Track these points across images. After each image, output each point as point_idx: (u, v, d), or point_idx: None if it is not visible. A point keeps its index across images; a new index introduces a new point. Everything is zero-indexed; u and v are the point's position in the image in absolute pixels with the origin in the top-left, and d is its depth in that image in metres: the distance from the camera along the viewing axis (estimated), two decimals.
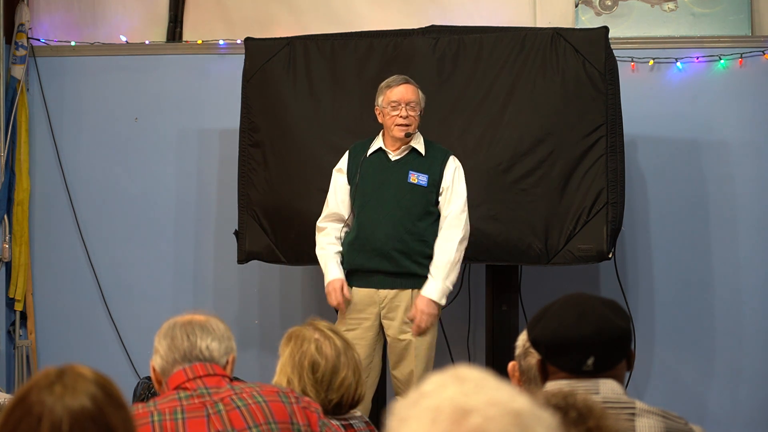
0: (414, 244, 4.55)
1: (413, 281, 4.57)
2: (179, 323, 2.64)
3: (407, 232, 4.55)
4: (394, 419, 1.34)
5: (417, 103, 4.58)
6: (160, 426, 2.49)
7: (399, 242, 4.55)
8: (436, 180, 4.58)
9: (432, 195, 4.58)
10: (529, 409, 1.32)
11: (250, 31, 5.68)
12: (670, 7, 5.75)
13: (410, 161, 4.61)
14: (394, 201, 4.56)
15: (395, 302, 4.59)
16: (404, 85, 4.59)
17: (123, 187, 6.09)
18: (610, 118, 4.96)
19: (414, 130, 4.59)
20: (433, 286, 4.53)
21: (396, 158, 4.62)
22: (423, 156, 4.61)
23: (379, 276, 4.59)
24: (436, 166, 4.60)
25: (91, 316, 6.09)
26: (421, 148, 4.62)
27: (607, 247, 4.92)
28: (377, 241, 4.56)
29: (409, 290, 4.57)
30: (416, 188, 4.57)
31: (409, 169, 4.59)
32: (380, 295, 4.59)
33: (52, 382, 1.77)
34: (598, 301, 2.38)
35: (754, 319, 5.65)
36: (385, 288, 4.58)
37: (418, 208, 4.56)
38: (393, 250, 4.54)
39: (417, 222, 4.56)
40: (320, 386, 2.94)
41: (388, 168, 4.61)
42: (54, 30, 6.20)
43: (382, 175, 4.59)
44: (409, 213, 4.55)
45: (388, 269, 4.56)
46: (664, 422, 2.29)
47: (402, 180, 4.58)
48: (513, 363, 2.60)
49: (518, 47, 5.07)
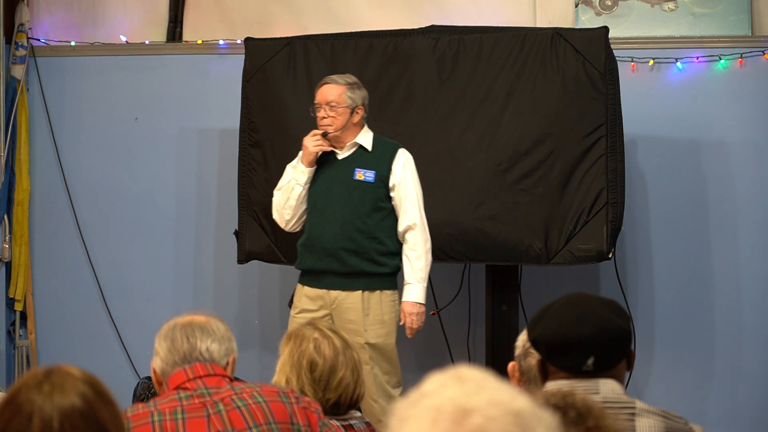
0: (365, 242, 4.56)
1: (364, 281, 4.57)
2: (179, 325, 2.64)
3: (356, 230, 4.56)
4: (394, 419, 1.34)
5: (339, 103, 4.58)
6: (160, 426, 2.49)
7: (348, 241, 4.55)
8: (384, 175, 4.59)
9: (380, 190, 4.59)
10: (530, 409, 1.32)
11: (250, 31, 5.68)
12: (670, 7, 5.75)
13: (356, 158, 4.62)
14: (342, 200, 4.58)
15: (346, 303, 4.58)
16: (324, 86, 4.61)
17: (123, 187, 6.09)
18: (610, 118, 4.96)
19: (335, 130, 4.59)
20: (414, 291, 4.57)
21: (343, 156, 4.63)
22: (370, 152, 4.61)
23: (329, 277, 4.59)
24: (384, 161, 4.61)
25: (91, 316, 6.09)
26: (368, 144, 4.62)
27: (607, 247, 4.92)
28: (326, 241, 4.57)
29: (359, 292, 4.57)
30: (363, 185, 4.58)
31: (355, 167, 4.60)
32: (331, 296, 4.60)
33: (41, 381, 1.77)
34: (598, 301, 2.38)
35: (754, 319, 5.65)
36: (335, 289, 4.58)
37: (366, 205, 4.57)
38: (342, 249, 4.56)
39: (366, 219, 4.57)
40: (318, 385, 2.94)
41: (335, 167, 4.62)
42: (54, 30, 6.20)
43: (329, 174, 4.60)
44: (356, 210, 4.57)
45: (338, 269, 4.56)
46: (664, 422, 2.29)
47: (348, 178, 4.59)
48: (513, 363, 2.60)
49: (518, 47, 5.07)
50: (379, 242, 4.57)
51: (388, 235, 4.60)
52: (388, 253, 4.60)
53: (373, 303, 4.58)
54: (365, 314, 4.55)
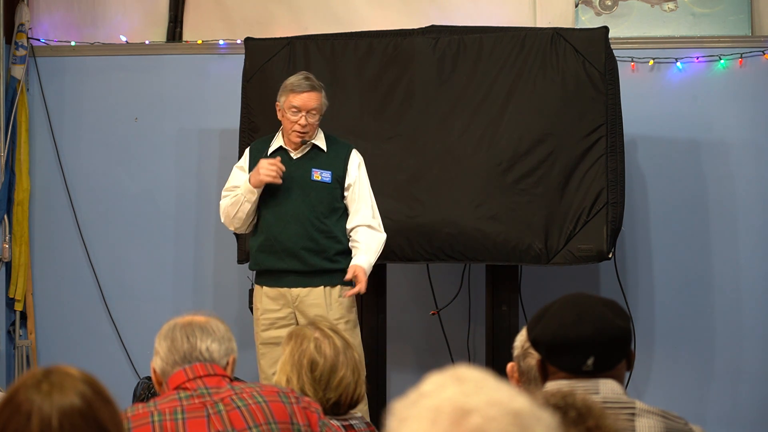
0: (324, 242, 4.58)
1: (325, 278, 4.59)
2: (179, 325, 2.64)
3: (316, 230, 4.58)
4: (393, 419, 1.34)
5: (318, 110, 4.59)
6: (160, 426, 2.49)
7: (309, 240, 4.57)
8: (340, 176, 4.62)
9: (337, 191, 4.62)
10: (529, 409, 1.32)
11: (250, 31, 5.68)
12: (670, 7, 5.75)
13: (312, 158, 4.63)
14: (300, 199, 4.58)
15: (309, 300, 4.59)
16: (308, 93, 4.58)
17: (123, 187, 6.09)
18: (610, 118, 4.96)
19: (311, 137, 4.61)
20: (364, 258, 4.54)
21: (298, 156, 4.64)
22: (325, 152, 4.63)
23: (290, 276, 4.59)
24: (339, 161, 4.63)
25: (91, 316, 6.09)
26: (322, 144, 4.64)
27: (607, 247, 4.92)
28: (287, 241, 4.58)
29: (321, 288, 4.59)
30: (320, 185, 4.60)
31: (312, 167, 4.61)
32: (292, 293, 4.60)
33: (40, 381, 1.78)
34: (598, 301, 2.38)
35: (754, 319, 5.65)
36: (296, 287, 4.59)
37: (324, 205, 4.59)
38: (303, 249, 4.57)
39: (324, 219, 4.59)
40: (318, 385, 2.94)
41: (290, 167, 4.61)
42: (54, 30, 6.20)
43: (285, 174, 4.58)
44: (315, 211, 4.58)
45: (299, 268, 4.57)
46: (664, 422, 2.29)
47: (305, 178, 4.60)
48: (512, 364, 2.60)
49: (518, 47, 5.07)
50: (337, 241, 4.60)
51: (344, 233, 4.63)
52: (344, 252, 4.61)
53: (335, 298, 4.59)
54: (329, 309, 4.56)
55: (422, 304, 5.68)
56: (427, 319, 5.66)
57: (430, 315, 5.57)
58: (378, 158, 5.05)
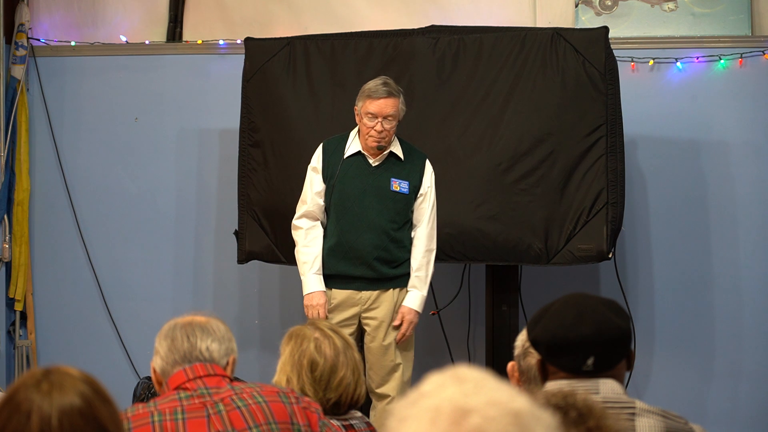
0: (396, 252, 4.62)
1: (393, 282, 4.65)
2: (179, 324, 2.64)
3: (390, 240, 4.61)
4: (393, 419, 1.34)
5: (395, 116, 4.57)
6: (160, 426, 2.49)
7: (383, 251, 4.60)
8: (416, 186, 4.64)
9: (411, 201, 4.65)
10: (529, 409, 1.32)
11: (250, 31, 5.68)
12: (670, 7, 5.75)
13: (391, 167, 4.62)
14: (377, 209, 4.58)
15: (378, 301, 4.65)
16: (385, 99, 4.55)
17: (123, 187, 6.09)
18: (610, 118, 4.96)
19: (388, 143, 4.60)
20: (417, 298, 4.64)
21: (377, 164, 4.62)
22: (402, 161, 4.64)
23: (360, 281, 4.63)
24: (415, 172, 4.64)
25: (91, 316, 6.09)
26: (399, 153, 4.64)
27: (607, 247, 4.92)
28: (361, 249, 4.59)
29: (390, 290, 4.65)
30: (398, 196, 4.61)
31: (391, 177, 4.61)
32: (362, 296, 4.64)
33: (39, 380, 1.78)
34: (598, 301, 2.38)
35: (754, 319, 5.65)
36: (366, 290, 4.64)
37: (401, 216, 4.62)
38: (375, 259, 4.60)
39: (398, 230, 4.61)
40: (318, 385, 2.94)
41: (368, 174, 4.61)
42: (54, 30, 6.20)
43: (363, 181, 4.59)
44: (392, 221, 4.60)
45: (370, 276, 4.61)
46: (664, 422, 2.29)
47: (384, 187, 4.60)
48: (512, 363, 2.60)
49: (518, 47, 5.07)
50: (406, 250, 4.65)
51: (409, 240, 4.67)
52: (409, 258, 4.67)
53: (400, 301, 4.67)
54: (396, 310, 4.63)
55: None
56: (427, 319, 5.66)
57: (430, 315, 5.56)
58: None
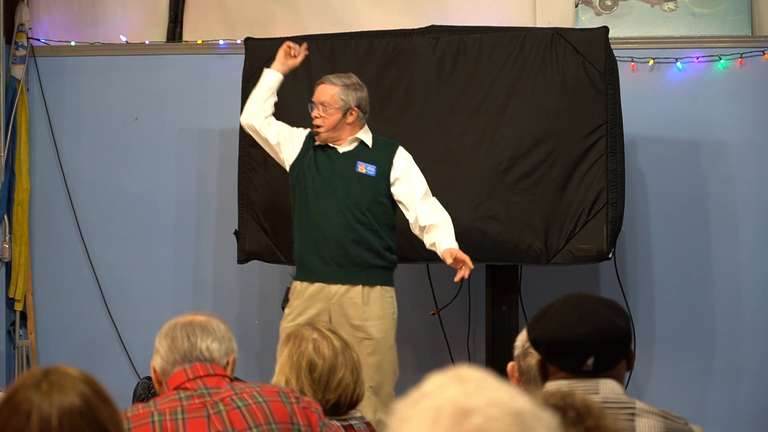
0: (366, 234, 4.58)
1: (365, 275, 4.58)
2: (180, 324, 2.64)
3: (358, 221, 4.58)
4: (394, 419, 1.34)
5: (330, 104, 4.61)
6: (160, 426, 2.49)
7: (352, 231, 4.57)
8: (386, 170, 4.62)
9: (381, 185, 4.61)
10: (530, 409, 1.32)
11: (250, 31, 5.68)
12: (670, 7, 5.75)
13: (358, 153, 4.65)
14: (343, 192, 4.60)
15: (346, 298, 4.57)
16: (321, 85, 4.67)
17: (123, 187, 6.10)
18: (610, 118, 4.96)
19: (326, 131, 4.62)
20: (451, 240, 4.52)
21: (344, 150, 4.66)
22: (370, 148, 4.65)
23: (330, 269, 4.58)
24: (384, 156, 4.64)
25: (91, 316, 6.09)
26: (368, 141, 4.67)
27: (607, 247, 4.92)
28: (329, 231, 4.58)
29: (359, 286, 4.57)
30: (364, 178, 4.61)
31: (357, 160, 4.63)
32: (331, 290, 4.59)
33: (39, 380, 1.78)
34: (598, 301, 2.38)
35: (754, 319, 5.65)
36: (336, 282, 4.57)
37: (367, 197, 4.60)
38: (346, 239, 4.57)
39: (366, 212, 4.59)
40: (317, 386, 2.95)
41: (336, 160, 4.65)
42: (54, 30, 6.20)
43: (330, 167, 4.63)
44: (357, 203, 4.59)
45: (340, 261, 4.57)
46: (664, 422, 2.29)
47: (350, 171, 4.62)
48: (512, 363, 2.60)
49: (518, 47, 5.07)
50: (378, 236, 4.60)
51: (386, 230, 4.64)
52: (387, 248, 4.63)
53: (373, 298, 4.58)
54: (364, 309, 4.55)
55: (422, 304, 5.68)
56: (427, 319, 5.66)
57: (430, 315, 5.57)
58: None
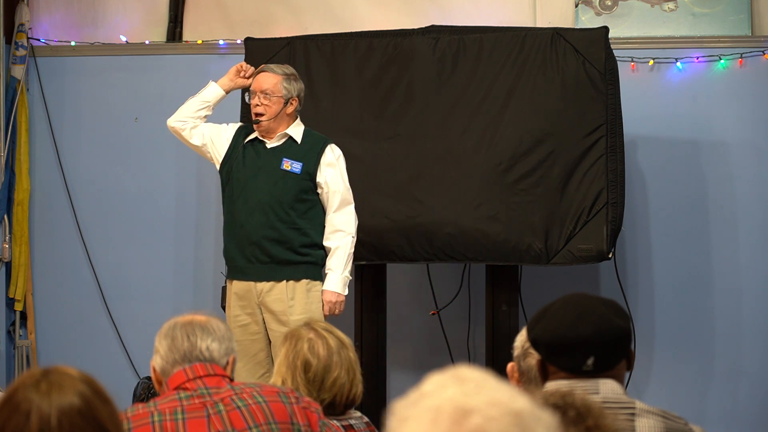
0: (288, 232, 4.56)
1: (289, 271, 4.57)
2: (180, 324, 2.64)
3: (279, 220, 4.56)
4: (394, 419, 1.34)
5: (273, 93, 4.62)
6: (160, 426, 2.49)
7: (271, 230, 4.56)
8: (311, 168, 4.60)
9: (306, 183, 4.60)
10: (530, 409, 1.32)
11: (250, 31, 5.68)
12: (670, 7, 5.75)
13: (285, 149, 4.64)
14: (266, 188, 4.58)
15: (272, 295, 4.56)
16: (261, 74, 4.68)
17: (123, 187, 6.09)
18: (610, 118, 4.96)
19: (267, 119, 4.62)
20: (335, 279, 4.55)
21: (271, 146, 4.65)
22: (299, 144, 4.64)
23: (254, 267, 4.58)
24: (312, 154, 4.63)
25: (91, 316, 6.09)
26: (297, 136, 4.64)
27: (607, 247, 4.92)
28: (250, 229, 4.58)
29: (284, 282, 4.56)
30: (288, 175, 4.59)
31: (284, 157, 4.62)
32: (257, 288, 4.58)
33: (38, 380, 1.78)
34: (598, 301, 2.38)
35: (754, 319, 5.65)
36: (261, 280, 4.57)
37: (290, 195, 4.57)
38: (264, 238, 4.56)
39: (288, 210, 4.57)
40: (312, 386, 2.95)
41: (262, 156, 4.64)
42: (54, 30, 6.20)
43: (256, 163, 4.62)
44: (280, 200, 4.57)
45: (261, 259, 4.56)
46: (664, 422, 2.29)
47: (275, 167, 4.61)
48: (512, 364, 2.60)
49: (518, 47, 5.07)
50: (302, 233, 4.58)
51: (312, 226, 4.61)
52: (312, 245, 4.60)
53: (298, 293, 4.57)
54: (290, 304, 4.54)
55: (422, 304, 5.68)
56: (427, 319, 5.66)
57: (430, 315, 5.57)
58: (378, 158, 5.06)
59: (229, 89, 4.84)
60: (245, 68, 4.84)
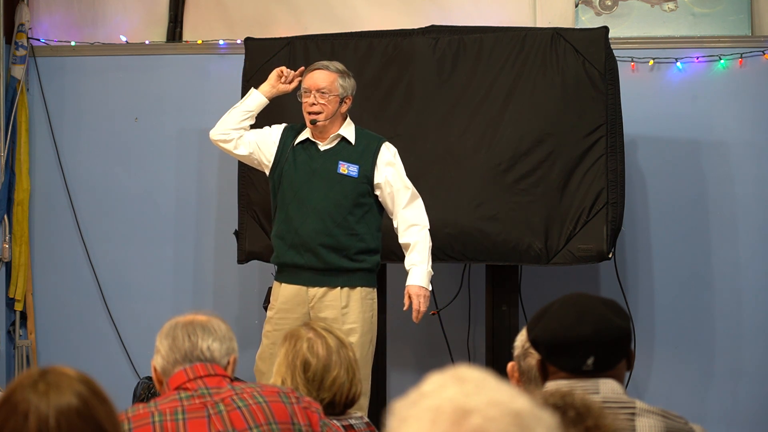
0: (344, 239, 4.43)
1: (344, 278, 4.46)
2: (181, 323, 2.64)
3: (336, 225, 4.43)
4: (394, 419, 1.34)
5: (330, 91, 4.45)
6: (160, 426, 2.49)
7: (328, 237, 4.42)
8: (368, 171, 4.47)
9: (363, 186, 4.46)
10: (530, 409, 1.32)
11: (250, 31, 5.68)
12: (670, 7, 5.75)
13: (340, 151, 4.49)
14: (323, 193, 4.44)
15: (325, 302, 4.45)
16: (316, 71, 4.50)
17: (123, 187, 6.09)
18: (610, 118, 4.97)
19: (324, 119, 4.46)
20: (420, 273, 4.42)
21: (325, 148, 4.50)
22: (353, 145, 4.49)
23: (308, 272, 4.46)
24: (367, 155, 4.48)
25: (91, 316, 6.09)
26: (351, 137, 4.50)
27: (607, 247, 4.92)
28: (305, 235, 4.44)
29: (338, 288, 4.45)
30: (345, 179, 4.45)
31: (339, 160, 4.47)
32: (309, 293, 4.46)
33: (36, 381, 1.78)
34: (598, 301, 2.38)
35: (754, 319, 5.65)
36: (314, 286, 4.46)
37: (348, 200, 4.43)
38: (320, 245, 4.42)
39: (347, 215, 4.44)
40: (311, 385, 2.95)
41: (316, 159, 4.49)
42: (54, 30, 6.20)
43: (310, 166, 4.48)
44: (338, 205, 4.43)
45: (316, 266, 4.44)
46: (664, 422, 2.29)
47: (331, 171, 4.45)
48: (512, 363, 2.60)
49: (518, 47, 5.07)
50: (359, 239, 4.46)
51: (369, 231, 4.49)
52: (367, 251, 4.49)
53: (353, 301, 4.46)
54: (343, 312, 4.43)
55: None
56: (427, 319, 5.65)
57: (430, 315, 5.56)
58: None
59: (271, 96, 4.68)
60: (286, 73, 4.70)
